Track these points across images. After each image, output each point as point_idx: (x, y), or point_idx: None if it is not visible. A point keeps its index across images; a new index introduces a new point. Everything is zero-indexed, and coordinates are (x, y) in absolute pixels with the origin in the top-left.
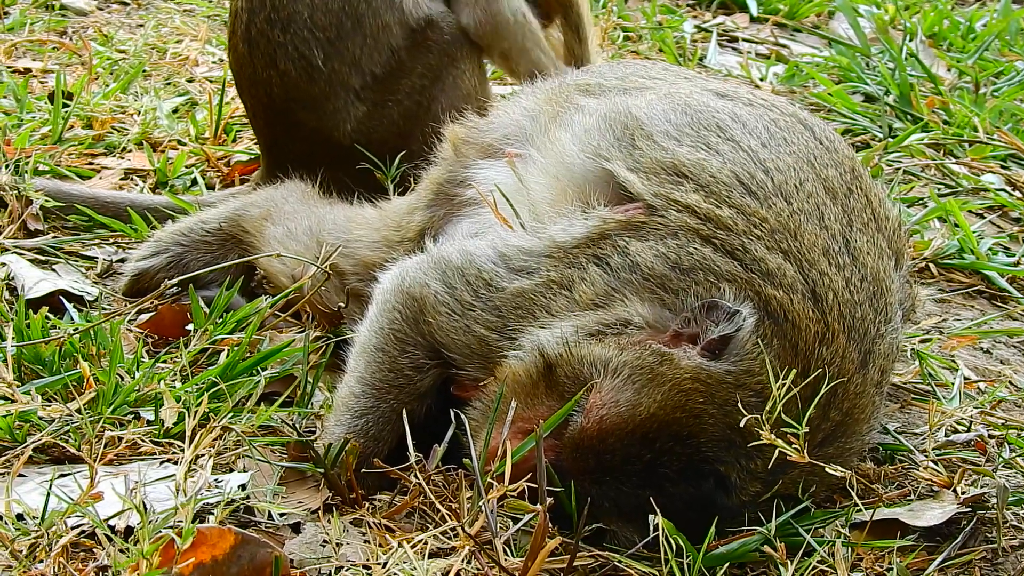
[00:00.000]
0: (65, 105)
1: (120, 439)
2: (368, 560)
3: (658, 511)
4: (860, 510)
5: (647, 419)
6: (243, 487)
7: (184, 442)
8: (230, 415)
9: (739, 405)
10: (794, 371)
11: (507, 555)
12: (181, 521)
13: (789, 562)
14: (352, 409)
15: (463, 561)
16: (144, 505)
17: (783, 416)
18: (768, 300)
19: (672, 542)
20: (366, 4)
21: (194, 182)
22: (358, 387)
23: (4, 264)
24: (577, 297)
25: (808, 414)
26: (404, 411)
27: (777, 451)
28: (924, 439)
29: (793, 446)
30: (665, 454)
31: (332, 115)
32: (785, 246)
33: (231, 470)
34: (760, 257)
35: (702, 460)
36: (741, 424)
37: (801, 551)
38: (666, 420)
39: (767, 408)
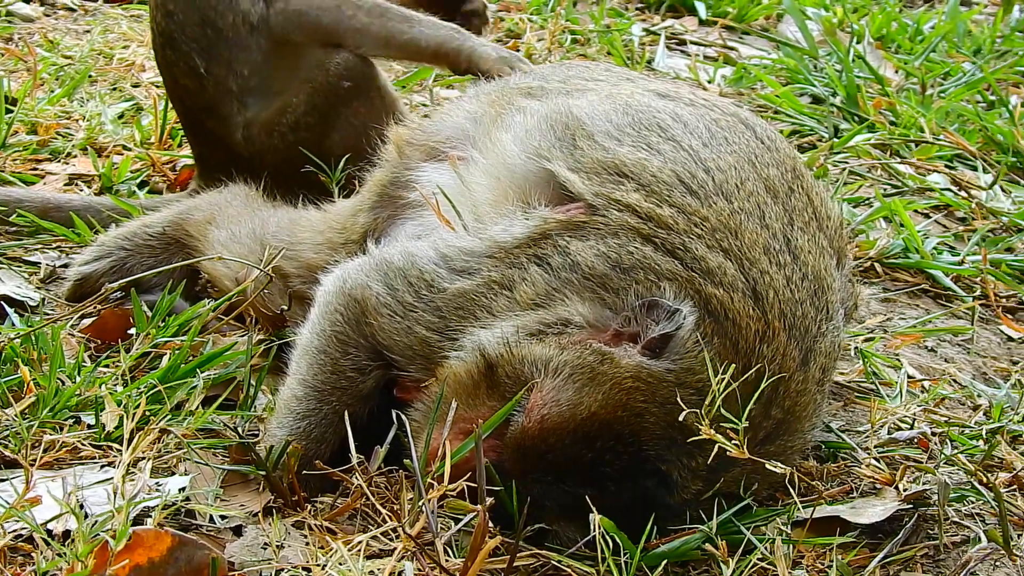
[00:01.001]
0: (9, 111)
1: (59, 443)
2: (308, 562)
3: (596, 509)
4: (800, 508)
5: (588, 418)
6: (182, 490)
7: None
8: (168, 418)
9: (680, 403)
10: (733, 368)
11: (449, 556)
12: (119, 524)
13: (730, 560)
14: (294, 411)
15: (401, 560)
16: (82, 508)
17: (724, 413)
18: (709, 298)
19: (610, 540)
20: (213, 11)
21: (140, 186)
22: (300, 389)
23: None
24: (518, 297)
25: (750, 411)
26: (346, 413)
27: (718, 449)
28: (867, 437)
29: (733, 442)
30: (607, 453)
31: (227, 120)
32: (726, 245)
33: (173, 473)
34: (701, 256)
35: (644, 459)
36: (680, 420)
37: (742, 548)
38: (607, 419)
39: (705, 404)
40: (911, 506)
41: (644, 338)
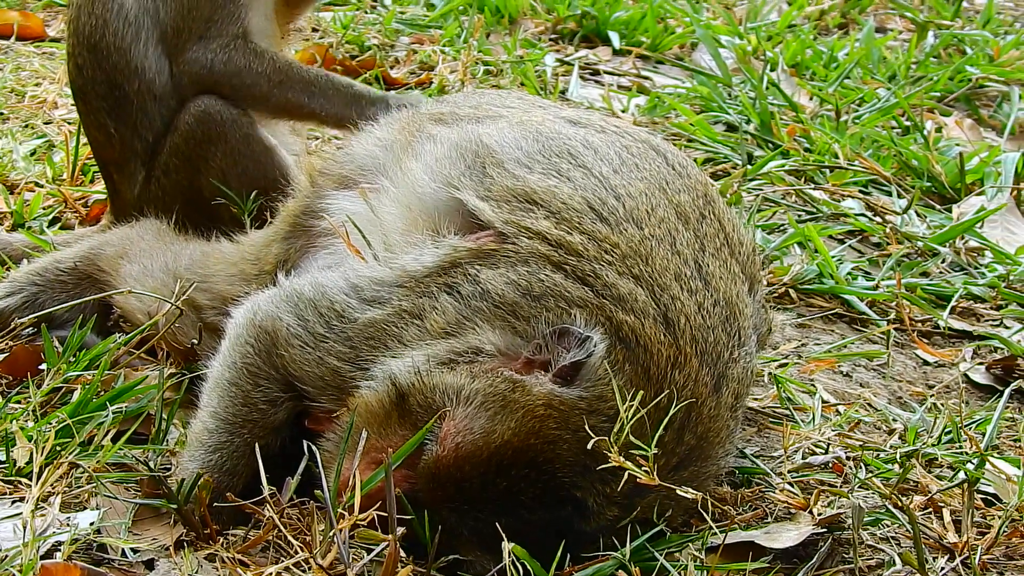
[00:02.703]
0: None
1: None
2: None
3: (511, 538)
4: (715, 533)
5: (501, 446)
6: (92, 524)
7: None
8: (77, 452)
9: (591, 430)
10: (642, 393)
11: None
12: (27, 558)
13: None
14: (206, 444)
15: None
16: None
17: (635, 440)
18: (620, 325)
19: (521, 568)
20: (120, 75)
21: (52, 223)
22: (211, 422)
23: None
24: (429, 326)
25: (662, 437)
26: (258, 445)
27: (630, 475)
28: (781, 462)
29: (643, 468)
30: (521, 481)
31: (131, 178)
32: (637, 271)
33: (84, 508)
34: (611, 283)
35: (558, 486)
36: (590, 447)
37: (655, 574)
38: (520, 447)
39: (614, 430)
40: (826, 530)
41: (555, 366)
